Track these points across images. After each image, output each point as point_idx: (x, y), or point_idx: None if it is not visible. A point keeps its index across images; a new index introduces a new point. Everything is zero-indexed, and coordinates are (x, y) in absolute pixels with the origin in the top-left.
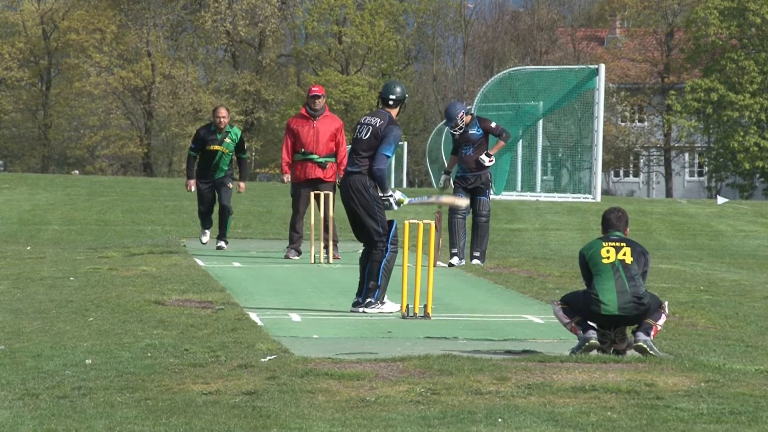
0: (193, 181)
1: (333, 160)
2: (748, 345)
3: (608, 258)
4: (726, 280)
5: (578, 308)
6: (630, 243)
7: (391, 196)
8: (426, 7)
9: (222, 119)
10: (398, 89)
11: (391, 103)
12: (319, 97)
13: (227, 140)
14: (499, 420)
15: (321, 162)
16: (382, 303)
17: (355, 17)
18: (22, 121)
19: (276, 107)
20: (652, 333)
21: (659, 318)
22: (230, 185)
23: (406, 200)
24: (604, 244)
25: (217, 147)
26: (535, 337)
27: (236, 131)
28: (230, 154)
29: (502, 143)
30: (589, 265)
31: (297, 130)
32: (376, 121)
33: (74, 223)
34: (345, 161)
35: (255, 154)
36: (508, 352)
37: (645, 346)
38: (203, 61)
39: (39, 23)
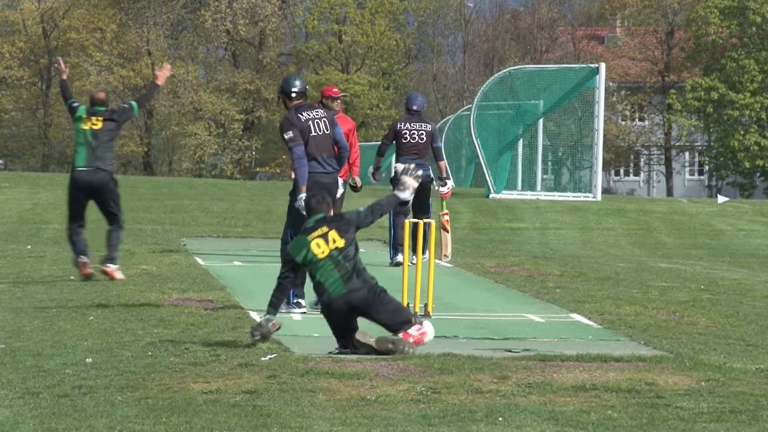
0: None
1: None
2: (749, 344)
3: (322, 252)
4: (726, 279)
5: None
6: (332, 222)
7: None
8: (426, 6)
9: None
10: (298, 81)
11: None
12: (337, 99)
13: None
14: (500, 419)
15: None
16: None
17: (355, 16)
18: (22, 120)
19: (276, 106)
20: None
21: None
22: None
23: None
24: (309, 238)
25: None
26: (535, 336)
27: None
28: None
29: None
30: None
31: None
32: (320, 112)
33: None
34: (357, 161)
35: (255, 153)
36: (509, 350)
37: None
38: (203, 59)
39: (39, 22)
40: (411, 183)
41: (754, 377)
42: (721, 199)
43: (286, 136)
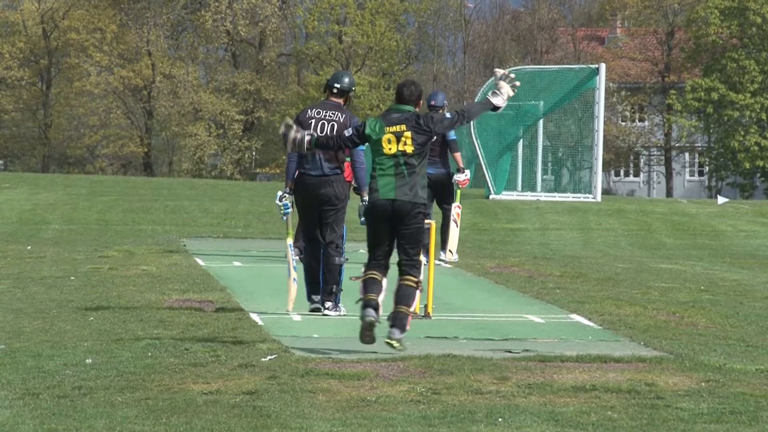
0: None
1: (348, 159)
2: (749, 345)
3: (390, 149)
4: (726, 279)
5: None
6: (413, 123)
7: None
8: (426, 7)
9: None
10: (347, 79)
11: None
12: None
13: None
14: (500, 420)
15: None
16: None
17: (355, 16)
18: (22, 120)
19: (276, 107)
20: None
21: (412, 301)
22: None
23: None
24: (386, 129)
25: None
26: (535, 336)
27: None
28: None
29: None
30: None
31: None
32: (337, 116)
33: (75, 222)
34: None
35: (255, 154)
36: (509, 351)
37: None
38: (203, 60)
39: (39, 22)
40: (507, 90)
41: (754, 378)
42: (721, 199)
43: None
